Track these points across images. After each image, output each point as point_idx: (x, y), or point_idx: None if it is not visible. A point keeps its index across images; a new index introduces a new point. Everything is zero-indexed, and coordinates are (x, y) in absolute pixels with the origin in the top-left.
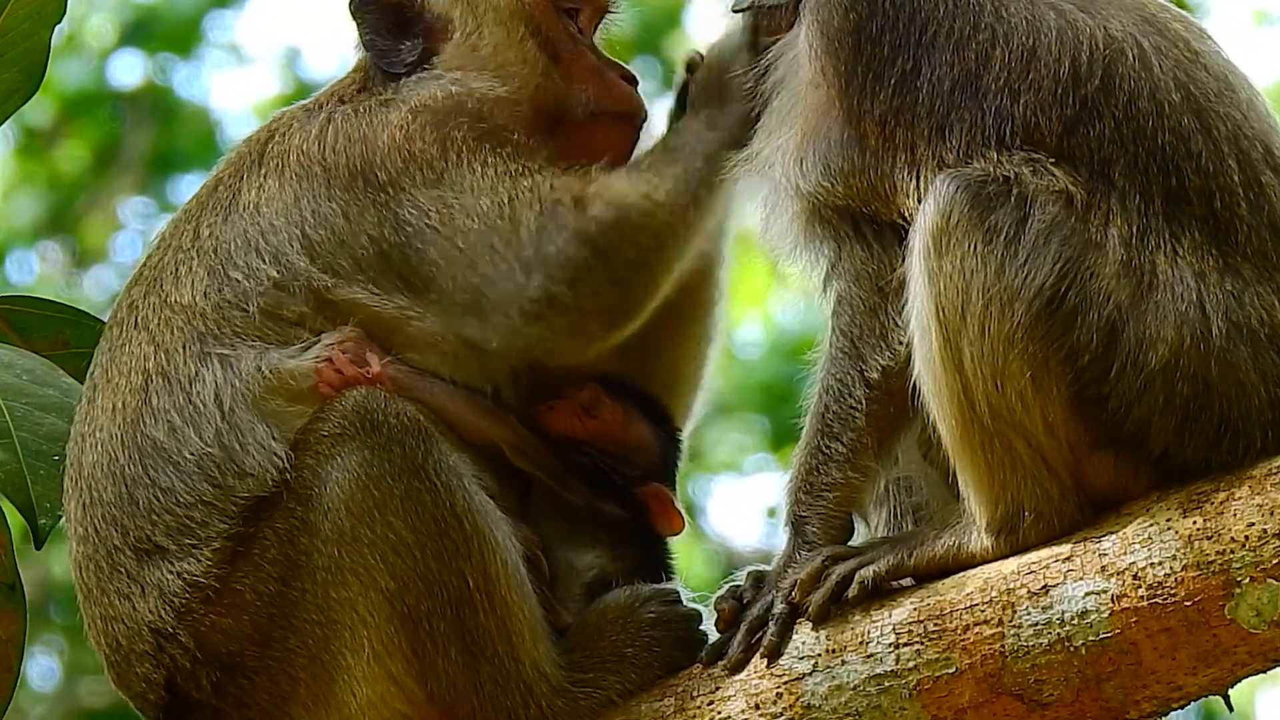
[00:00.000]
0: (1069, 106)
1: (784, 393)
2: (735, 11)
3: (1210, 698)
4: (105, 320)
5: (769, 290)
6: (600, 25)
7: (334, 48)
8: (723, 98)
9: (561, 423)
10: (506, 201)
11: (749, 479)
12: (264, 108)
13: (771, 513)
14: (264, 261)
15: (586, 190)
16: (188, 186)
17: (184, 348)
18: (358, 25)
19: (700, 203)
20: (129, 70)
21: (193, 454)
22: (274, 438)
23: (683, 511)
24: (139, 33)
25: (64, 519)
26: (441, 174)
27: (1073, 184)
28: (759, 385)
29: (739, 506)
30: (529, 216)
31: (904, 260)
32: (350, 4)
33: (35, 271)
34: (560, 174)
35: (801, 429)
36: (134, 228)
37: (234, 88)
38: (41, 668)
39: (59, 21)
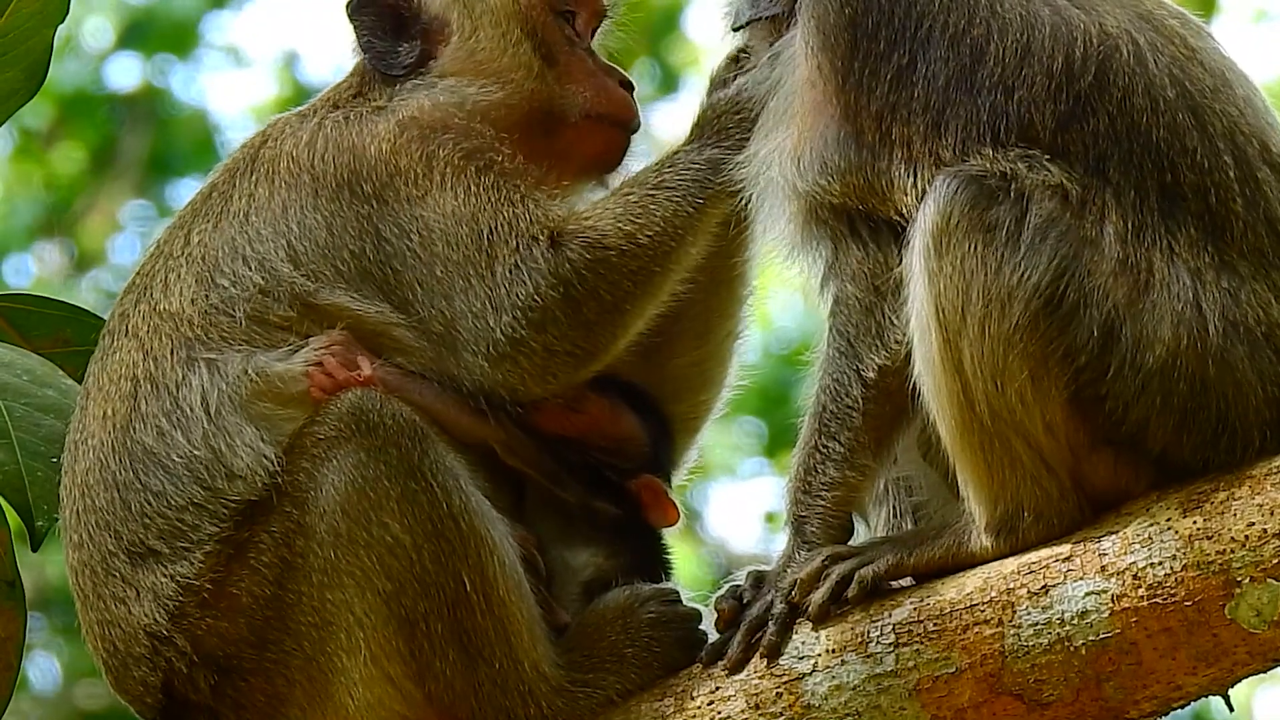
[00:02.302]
0: (1063, 102)
1: (780, 396)
2: (734, 30)
3: (1201, 700)
4: (105, 319)
5: (765, 293)
6: (598, 30)
7: (332, 51)
8: (736, 139)
9: (549, 420)
10: (486, 233)
11: (746, 483)
12: (262, 110)
13: (769, 517)
14: (250, 269)
15: (565, 226)
16: (185, 190)
17: (171, 354)
18: (355, 28)
19: (685, 248)
20: (126, 72)
21: (181, 457)
22: (263, 440)
23: (677, 502)
24: (136, 34)
25: (59, 526)
26: (425, 193)
27: (1068, 180)
28: (755, 389)
29: (736, 510)
30: (504, 253)
31: (900, 259)
32: (347, 6)
33: (33, 274)
34: (542, 204)
35: (799, 430)
36: (132, 230)
37: (232, 90)
38: (40, 669)
39: (61, 21)
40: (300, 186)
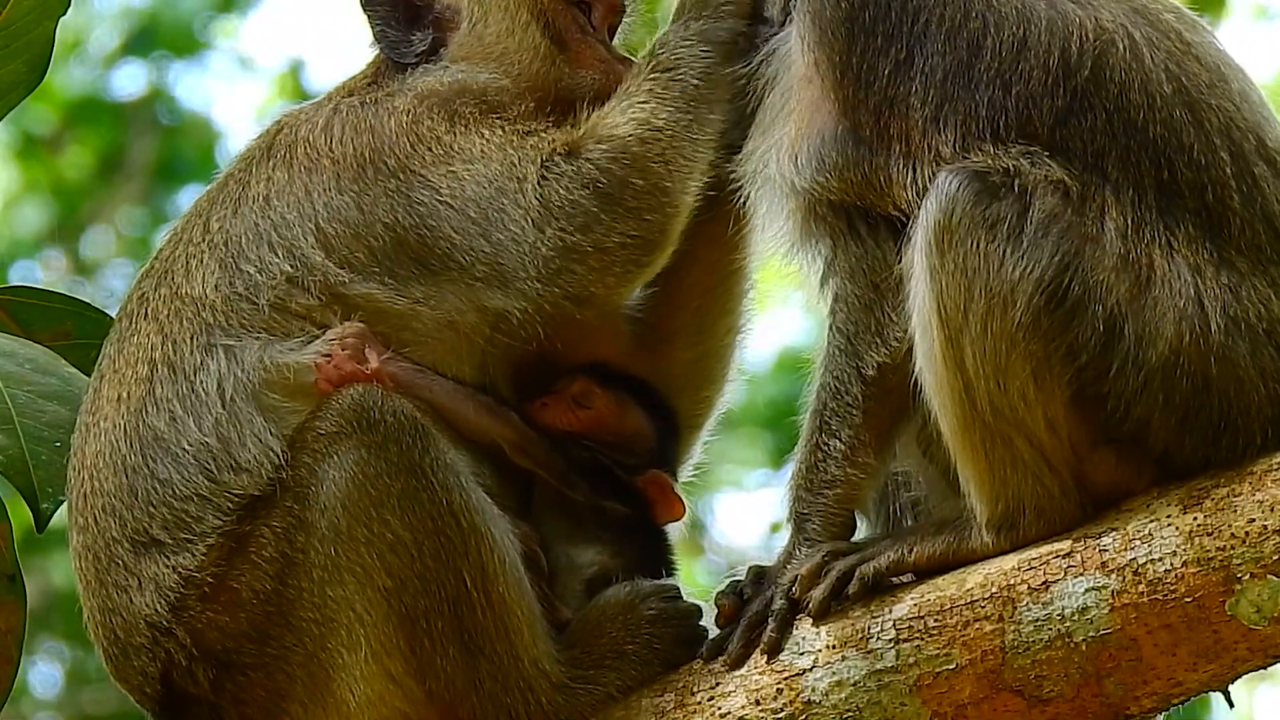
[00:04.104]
0: (1060, 98)
1: (789, 408)
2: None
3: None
4: (107, 312)
5: (774, 304)
6: (616, 28)
7: (338, 58)
8: (718, 6)
9: (556, 418)
10: (515, 163)
11: (752, 494)
12: (267, 114)
13: (775, 527)
14: (277, 255)
15: (577, 134)
16: (190, 198)
17: (191, 338)
18: (369, 18)
19: (703, 121)
20: (132, 79)
21: (191, 444)
22: (271, 432)
23: (683, 497)
24: (142, 40)
25: (66, 508)
26: (450, 146)
27: (1068, 176)
28: (764, 401)
29: (742, 521)
30: (531, 172)
31: (900, 256)
32: None
33: (39, 279)
34: (557, 129)
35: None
36: (137, 237)
37: (237, 97)
38: (43, 675)
39: (64, 13)
40: (320, 170)
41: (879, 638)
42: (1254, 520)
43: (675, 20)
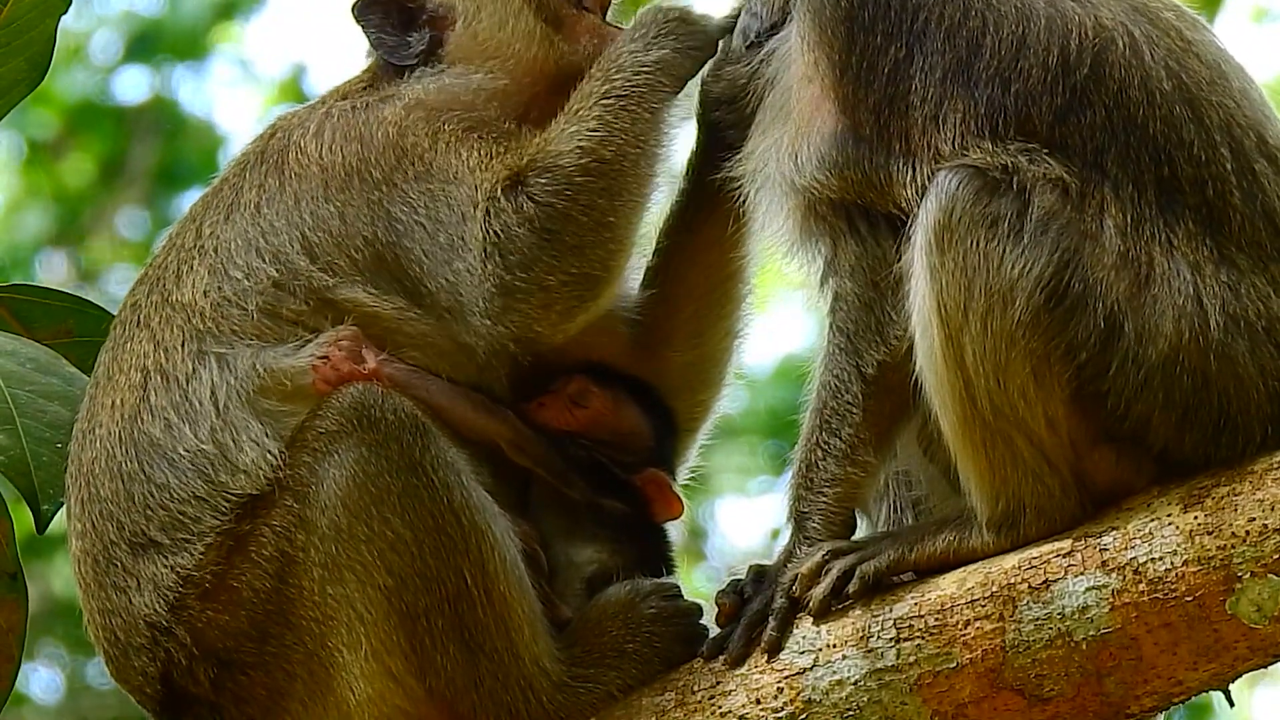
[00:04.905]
0: (1059, 95)
1: (790, 415)
2: (748, 47)
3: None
4: (109, 310)
5: (775, 310)
6: (609, 6)
7: (341, 63)
8: (680, 37)
9: (554, 417)
10: (477, 187)
11: (754, 500)
12: (268, 119)
13: (776, 534)
14: (264, 261)
15: (521, 163)
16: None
17: (182, 346)
18: (363, 26)
19: (652, 152)
20: (134, 84)
21: (187, 450)
22: (268, 435)
23: (681, 495)
24: (145, 45)
25: (65, 514)
26: (431, 163)
27: (1067, 173)
28: (765, 408)
29: (744, 528)
30: (481, 202)
31: (900, 255)
32: (353, 8)
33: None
34: (513, 150)
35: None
36: (138, 242)
37: (240, 103)
38: (45, 680)
39: (65, 11)
40: (310, 178)
41: (879, 636)
42: (1254, 519)
43: (635, 38)
